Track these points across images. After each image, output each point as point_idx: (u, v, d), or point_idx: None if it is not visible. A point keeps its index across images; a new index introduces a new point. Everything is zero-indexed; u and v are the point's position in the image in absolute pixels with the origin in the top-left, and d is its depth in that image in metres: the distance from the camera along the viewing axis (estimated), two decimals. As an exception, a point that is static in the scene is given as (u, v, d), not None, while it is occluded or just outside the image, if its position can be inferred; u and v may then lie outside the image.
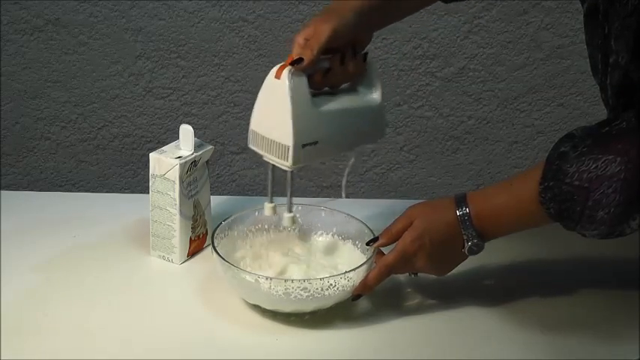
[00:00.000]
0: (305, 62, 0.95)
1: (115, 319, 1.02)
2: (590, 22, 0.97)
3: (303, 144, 0.97)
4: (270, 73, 0.97)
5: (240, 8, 1.87)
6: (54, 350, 0.95)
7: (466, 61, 1.90)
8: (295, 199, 1.09)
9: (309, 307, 1.00)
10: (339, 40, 0.98)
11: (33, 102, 1.97)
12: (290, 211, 1.05)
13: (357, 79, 1.05)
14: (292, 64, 0.95)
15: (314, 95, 0.99)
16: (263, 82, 0.98)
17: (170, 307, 1.05)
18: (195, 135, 1.12)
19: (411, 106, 1.94)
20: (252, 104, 2.06)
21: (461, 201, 0.97)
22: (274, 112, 0.97)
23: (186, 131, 1.12)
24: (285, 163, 0.97)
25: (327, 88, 1.02)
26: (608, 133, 0.87)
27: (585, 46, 1.00)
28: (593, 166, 0.85)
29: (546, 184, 0.89)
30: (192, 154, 1.11)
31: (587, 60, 1.00)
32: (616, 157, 0.84)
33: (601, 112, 0.99)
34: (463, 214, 0.96)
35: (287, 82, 0.95)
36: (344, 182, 1.27)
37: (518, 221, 0.95)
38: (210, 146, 1.15)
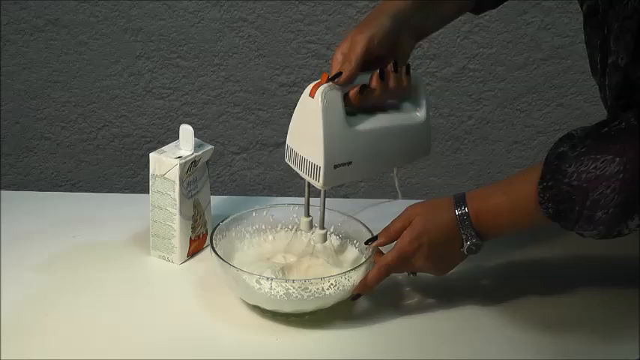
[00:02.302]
0: (343, 76, 0.92)
1: (115, 319, 1.02)
2: (589, 23, 0.97)
3: (335, 165, 0.95)
4: (306, 90, 0.94)
5: (240, 8, 1.87)
6: (54, 350, 0.95)
7: (466, 61, 1.90)
8: (295, 199, 1.09)
9: (309, 307, 1.00)
10: (378, 49, 0.95)
11: (33, 102, 1.97)
12: (322, 227, 1.04)
13: (401, 95, 1.01)
14: (331, 79, 0.92)
15: (352, 113, 0.96)
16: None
17: (170, 307, 1.05)
18: (195, 135, 1.12)
19: (411, 106, 1.94)
20: (253, 104, 2.07)
21: (460, 200, 0.97)
22: (307, 131, 0.95)
23: (186, 131, 1.12)
24: (317, 184, 0.96)
25: (368, 105, 0.98)
26: (607, 134, 0.87)
27: (585, 47, 1.00)
28: (592, 166, 0.85)
29: (545, 184, 0.89)
30: (192, 154, 1.12)
31: (587, 60, 1.00)
32: (615, 158, 0.84)
33: (601, 112, 0.99)
34: (462, 213, 0.96)
35: (320, 101, 0.92)
36: (397, 183, 1.24)
37: (516, 221, 0.95)
38: (210, 146, 1.15)
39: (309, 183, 1.01)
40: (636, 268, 1.11)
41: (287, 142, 0.99)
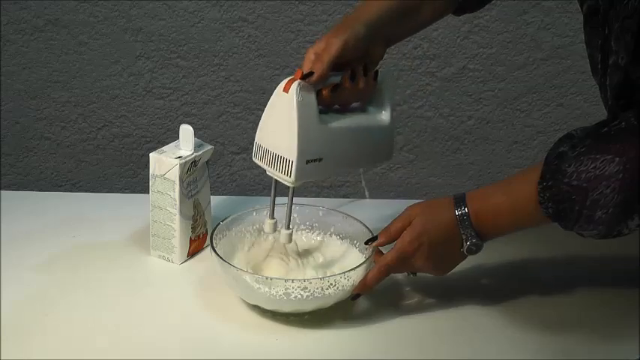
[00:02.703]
0: (315, 76, 0.94)
1: (115, 319, 1.02)
2: (589, 23, 0.97)
3: (307, 160, 0.95)
4: (279, 86, 0.96)
5: (240, 8, 1.87)
6: (54, 350, 0.95)
7: (466, 61, 1.90)
8: (295, 199, 1.09)
9: (308, 307, 1.00)
10: (350, 54, 0.97)
11: (33, 102, 1.97)
12: (288, 227, 1.04)
13: (368, 98, 1.03)
14: (303, 78, 0.94)
15: (322, 112, 0.97)
16: (271, 94, 0.97)
17: (170, 307, 1.05)
18: (195, 135, 1.12)
19: (411, 106, 1.94)
20: (253, 104, 2.07)
21: (460, 200, 0.97)
22: (280, 126, 0.96)
23: (186, 131, 1.12)
24: (288, 179, 0.96)
25: (336, 106, 1.01)
26: (607, 134, 0.87)
27: (585, 47, 1.00)
28: (592, 166, 0.85)
29: (545, 183, 0.89)
30: (192, 154, 1.12)
31: (587, 60, 1.00)
32: (615, 158, 0.84)
33: (601, 112, 0.99)
34: (462, 213, 0.97)
35: (295, 96, 0.93)
36: (363, 183, 1.27)
37: (516, 221, 0.95)
38: (210, 146, 1.15)
39: (275, 183, 1.01)
40: (636, 268, 1.11)
41: (256, 139, 0.99)
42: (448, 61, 1.91)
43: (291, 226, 1.04)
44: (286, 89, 0.94)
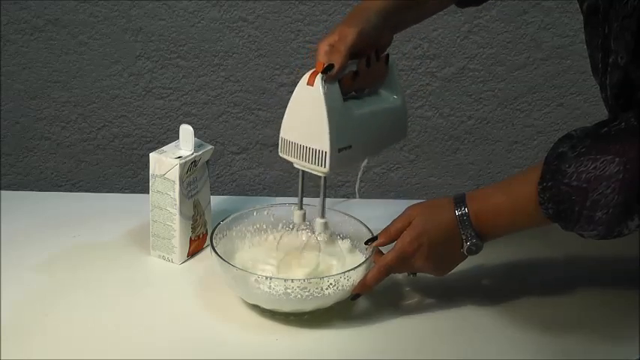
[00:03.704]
0: (336, 67, 0.96)
1: (115, 319, 1.02)
2: (590, 22, 0.97)
3: (339, 148, 0.97)
4: (302, 80, 0.97)
5: (240, 8, 1.87)
6: (54, 350, 0.95)
7: (466, 61, 1.90)
8: (294, 199, 1.09)
9: (308, 306, 1.00)
10: (365, 43, 0.99)
11: (33, 102, 1.97)
12: (323, 216, 1.05)
13: (380, 82, 1.06)
14: (324, 70, 0.95)
15: (343, 100, 0.99)
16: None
17: (170, 307, 1.05)
18: (195, 135, 1.12)
19: (411, 106, 1.94)
20: (253, 104, 2.06)
21: (460, 201, 0.97)
22: (308, 119, 0.97)
23: (186, 131, 1.12)
24: (322, 169, 0.98)
25: (352, 93, 1.03)
26: (606, 134, 0.87)
27: (585, 46, 1.00)
28: (592, 166, 0.85)
29: (545, 184, 0.89)
30: (192, 154, 1.12)
31: (587, 60, 1.00)
32: (615, 158, 0.84)
33: (601, 112, 0.99)
34: (462, 214, 0.97)
35: (321, 89, 0.95)
36: (357, 185, 1.29)
37: (516, 221, 0.95)
38: (210, 146, 1.15)
39: (303, 176, 1.03)
40: (636, 268, 1.11)
41: (282, 135, 1.00)
42: (448, 61, 1.91)
43: (325, 216, 1.05)
44: (311, 82, 0.96)
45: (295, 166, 1.01)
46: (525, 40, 1.88)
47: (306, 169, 1.00)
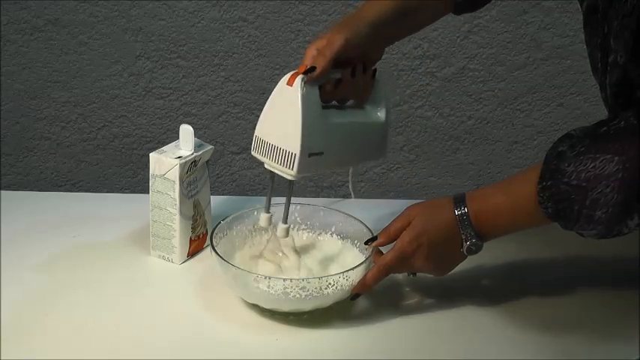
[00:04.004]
0: (317, 71, 0.95)
1: (115, 319, 1.02)
2: (589, 22, 0.97)
3: (310, 153, 0.96)
4: (282, 80, 0.97)
5: (240, 8, 1.87)
6: (54, 350, 0.95)
7: (466, 61, 1.90)
8: (295, 199, 1.09)
9: (307, 306, 1.00)
10: (351, 52, 0.98)
11: (33, 102, 1.97)
12: (286, 221, 1.04)
13: (365, 96, 1.05)
14: (305, 72, 0.95)
15: (322, 107, 0.98)
16: (273, 89, 0.98)
17: (170, 307, 1.05)
18: (195, 135, 1.12)
19: (411, 106, 1.94)
20: (253, 104, 2.06)
21: (459, 201, 0.97)
22: (283, 119, 0.96)
23: (186, 131, 1.12)
24: (290, 172, 0.96)
25: (334, 102, 1.02)
26: (606, 133, 0.87)
27: (585, 46, 1.00)
28: (591, 165, 0.85)
29: (544, 183, 0.89)
30: (192, 154, 1.12)
31: (587, 60, 1.00)
32: (614, 157, 0.84)
33: (601, 112, 0.99)
34: (462, 213, 0.97)
35: (299, 90, 0.94)
36: (350, 184, 1.30)
37: (516, 221, 0.95)
38: (210, 146, 1.15)
39: (272, 178, 1.02)
40: (636, 268, 1.11)
41: (256, 133, 0.99)
42: (448, 61, 1.91)
43: (288, 222, 1.04)
44: (290, 83, 0.96)
45: (265, 166, 1.00)
46: (525, 40, 1.88)
47: (275, 171, 0.99)
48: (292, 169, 0.96)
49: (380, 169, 2.00)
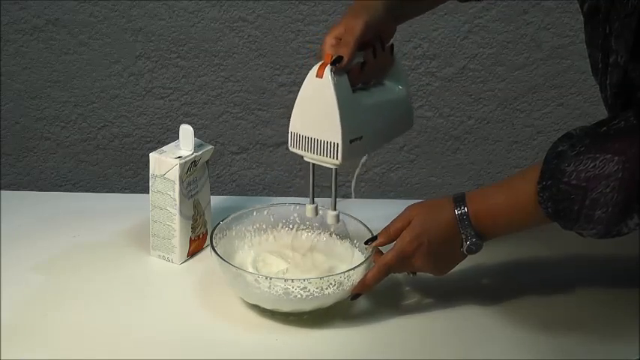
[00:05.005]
0: (345, 59, 0.96)
1: (115, 319, 1.02)
2: (590, 22, 0.97)
3: (351, 139, 0.98)
4: (310, 73, 0.97)
5: (240, 8, 1.87)
6: (54, 350, 0.95)
7: (466, 61, 1.90)
8: (295, 199, 1.09)
9: (308, 306, 1.00)
10: (371, 34, 0.99)
11: (33, 102, 1.97)
12: (334, 209, 1.05)
13: (385, 73, 1.07)
14: (333, 62, 0.95)
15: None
16: (303, 82, 0.98)
17: (170, 307, 1.05)
18: (195, 135, 1.12)
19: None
20: (253, 104, 2.06)
21: (459, 200, 0.97)
22: (319, 112, 0.97)
23: (186, 131, 1.12)
24: (334, 161, 0.98)
25: (359, 84, 1.03)
26: (606, 133, 0.87)
27: (585, 46, 1.00)
28: (591, 165, 0.85)
29: (544, 183, 0.89)
30: (192, 154, 1.12)
31: (587, 60, 1.00)
32: (614, 157, 0.84)
33: (601, 112, 0.99)
34: (462, 213, 0.97)
35: (330, 80, 0.95)
36: (353, 183, 1.30)
37: (516, 220, 0.95)
38: (210, 146, 1.15)
39: (313, 170, 1.03)
40: (636, 268, 1.11)
41: (291, 129, 1.00)
42: (448, 61, 1.91)
43: (336, 209, 1.06)
44: (320, 74, 0.96)
45: (305, 159, 1.01)
46: (525, 40, 1.88)
47: (317, 162, 1.00)
48: (337, 158, 0.97)
49: (380, 169, 2.00)
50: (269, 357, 0.96)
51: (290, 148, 1.01)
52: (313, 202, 1.07)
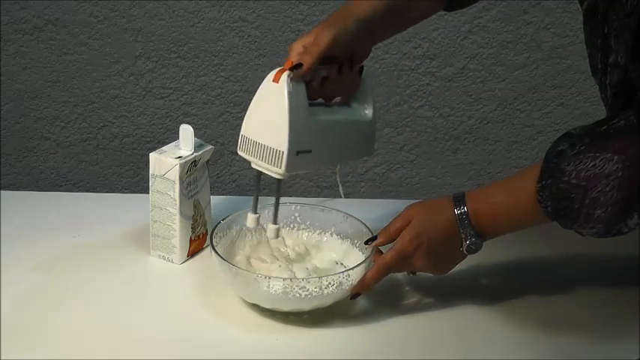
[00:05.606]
0: (304, 67, 0.94)
1: (115, 319, 1.02)
2: (589, 22, 0.97)
3: (298, 151, 0.94)
4: (267, 77, 0.95)
5: (240, 8, 1.87)
6: (53, 350, 0.95)
7: (466, 61, 1.90)
8: (295, 199, 1.09)
9: (307, 306, 1.00)
10: (339, 49, 0.97)
11: (33, 102, 1.97)
12: (275, 222, 1.03)
13: (352, 94, 1.04)
14: (291, 69, 0.93)
15: (309, 104, 0.97)
16: (259, 86, 0.96)
17: (170, 307, 1.05)
18: (195, 135, 1.12)
19: (411, 106, 1.94)
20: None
21: (459, 200, 0.97)
22: (270, 117, 0.94)
23: (186, 131, 1.12)
24: (278, 170, 0.95)
25: (321, 99, 1.01)
26: (606, 132, 0.87)
27: (585, 46, 1.00)
28: (591, 164, 0.85)
29: (544, 182, 0.89)
30: (192, 154, 1.12)
31: (587, 60, 1.00)
32: (614, 156, 0.84)
33: (601, 112, 0.99)
34: (461, 212, 0.96)
35: (285, 87, 0.93)
36: (340, 187, 1.29)
37: (516, 220, 0.95)
38: (210, 146, 1.15)
39: (259, 178, 1.00)
40: (636, 268, 1.11)
41: (242, 132, 0.97)
42: (448, 61, 1.91)
43: (278, 222, 1.03)
44: (276, 79, 0.93)
45: (252, 166, 0.98)
46: (525, 40, 1.88)
47: (263, 170, 0.97)
48: (280, 167, 0.94)
49: (380, 169, 2.00)
50: (269, 357, 0.96)
51: (239, 152, 0.98)
52: (256, 212, 1.04)
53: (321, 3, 1.85)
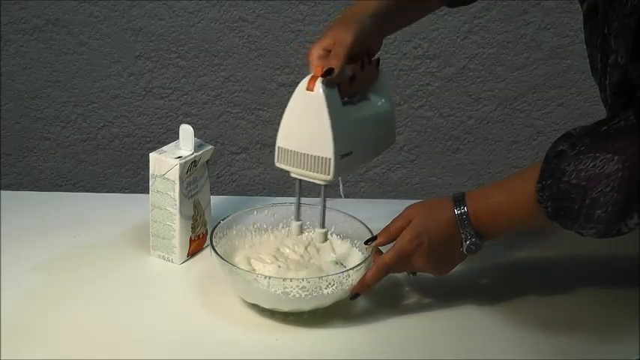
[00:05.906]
0: (336, 71, 0.94)
1: (115, 319, 1.02)
2: (589, 22, 0.97)
3: (342, 155, 0.95)
4: (299, 87, 0.94)
5: (240, 8, 1.87)
6: (53, 350, 0.95)
7: (466, 61, 1.90)
8: (295, 199, 1.09)
9: (307, 306, 1.00)
10: (360, 46, 0.97)
11: (33, 102, 1.97)
12: (323, 226, 1.02)
13: (370, 87, 1.05)
14: (324, 75, 0.93)
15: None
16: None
17: (170, 307, 1.05)
18: (195, 135, 1.12)
19: (411, 106, 1.94)
20: (253, 104, 2.06)
21: (459, 200, 0.97)
22: (309, 126, 0.94)
23: (186, 131, 1.12)
24: (325, 177, 0.95)
25: (346, 98, 1.01)
26: (606, 132, 0.87)
27: (585, 46, 1.00)
28: (591, 164, 0.85)
29: (544, 182, 0.89)
30: (192, 154, 1.12)
31: (587, 60, 1.00)
32: (614, 156, 0.84)
33: (601, 112, 0.99)
34: (461, 213, 0.97)
35: (322, 94, 0.92)
36: (340, 183, 1.28)
37: (516, 220, 0.95)
38: (210, 146, 1.15)
39: (299, 185, 1.01)
40: (636, 268, 1.11)
41: (279, 144, 0.97)
42: (448, 61, 1.91)
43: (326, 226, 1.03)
44: (311, 88, 0.93)
45: (292, 175, 0.98)
46: (525, 40, 1.88)
47: (306, 178, 0.97)
48: (329, 173, 0.95)
49: (380, 169, 2.00)
50: (269, 357, 0.96)
51: (277, 163, 0.98)
52: (300, 219, 1.04)
53: (321, 3, 1.85)
